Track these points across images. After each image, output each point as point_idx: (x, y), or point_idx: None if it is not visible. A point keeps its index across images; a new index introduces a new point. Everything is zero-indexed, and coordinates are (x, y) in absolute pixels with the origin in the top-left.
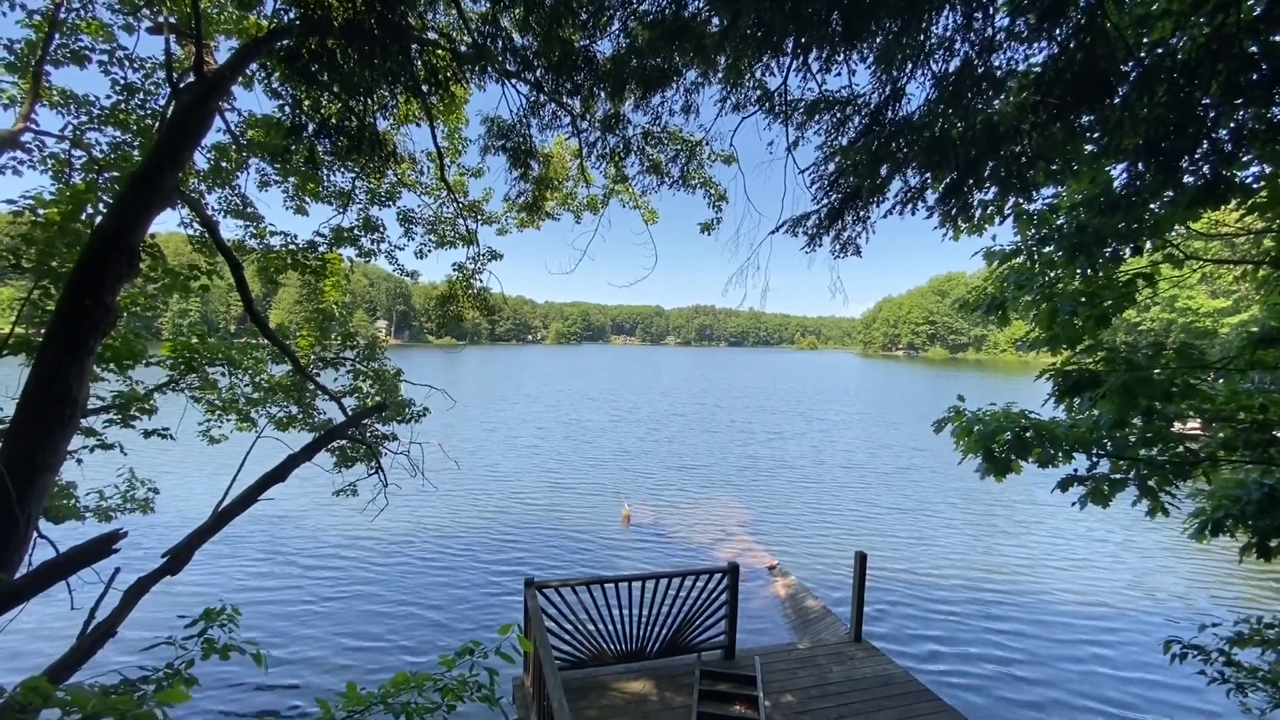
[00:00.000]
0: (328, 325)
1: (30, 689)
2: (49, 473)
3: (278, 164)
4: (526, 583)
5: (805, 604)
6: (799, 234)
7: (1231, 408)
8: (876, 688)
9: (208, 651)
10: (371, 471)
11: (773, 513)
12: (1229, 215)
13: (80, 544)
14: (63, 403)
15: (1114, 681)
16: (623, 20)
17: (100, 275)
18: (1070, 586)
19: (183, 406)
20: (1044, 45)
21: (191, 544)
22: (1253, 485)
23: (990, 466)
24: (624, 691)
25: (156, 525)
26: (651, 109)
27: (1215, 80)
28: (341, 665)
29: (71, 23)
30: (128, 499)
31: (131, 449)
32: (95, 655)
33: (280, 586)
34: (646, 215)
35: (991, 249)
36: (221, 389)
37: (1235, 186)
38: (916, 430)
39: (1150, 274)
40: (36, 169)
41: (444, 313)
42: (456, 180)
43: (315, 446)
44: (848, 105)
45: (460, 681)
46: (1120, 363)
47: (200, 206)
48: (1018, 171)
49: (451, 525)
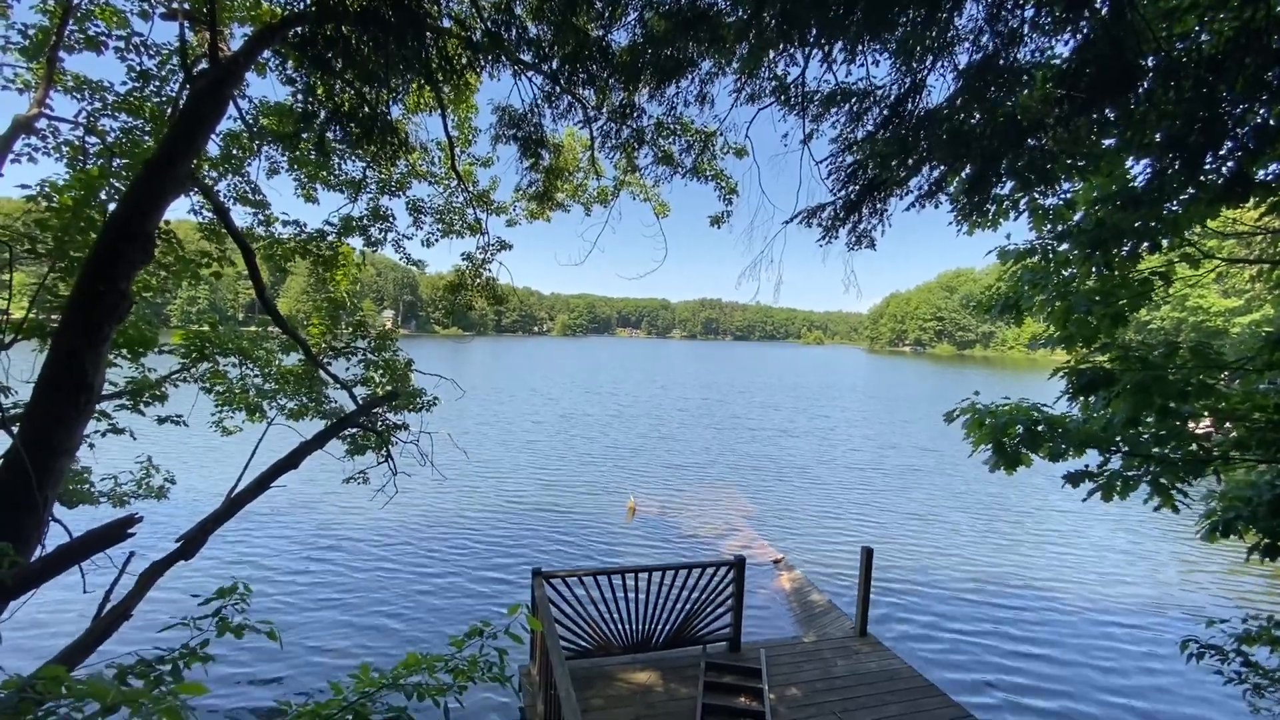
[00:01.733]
0: (338, 315)
1: (50, 678)
2: (66, 457)
3: (289, 152)
4: (534, 572)
5: (810, 598)
6: (814, 225)
7: (1247, 407)
8: (881, 682)
9: (222, 630)
10: (382, 460)
11: (778, 507)
12: (1246, 214)
13: (96, 528)
14: (79, 388)
15: (1120, 678)
16: (639, 9)
17: (115, 261)
18: (1077, 584)
19: (194, 394)
20: (1068, 37)
21: (205, 529)
22: (1264, 486)
23: (1000, 459)
24: (630, 682)
25: (169, 511)
26: (666, 99)
27: (1241, 76)
28: (350, 649)
29: (85, 8)
30: (143, 486)
31: (143, 435)
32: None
33: (291, 571)
34: (658, 208)
35: (1006, 248)
36: (233, 380)
37: (1256, 185)
38: (924, 428)
39: (1166, 272)
40: (51, 155)
41: (453, 301)
42: (466, 169)
43: (327, 434)
44: (866, 97)
45: (471, 662)
46: (1135, 361)
47: (213, 194)
48: (1039, 166)
49: (459, 514)
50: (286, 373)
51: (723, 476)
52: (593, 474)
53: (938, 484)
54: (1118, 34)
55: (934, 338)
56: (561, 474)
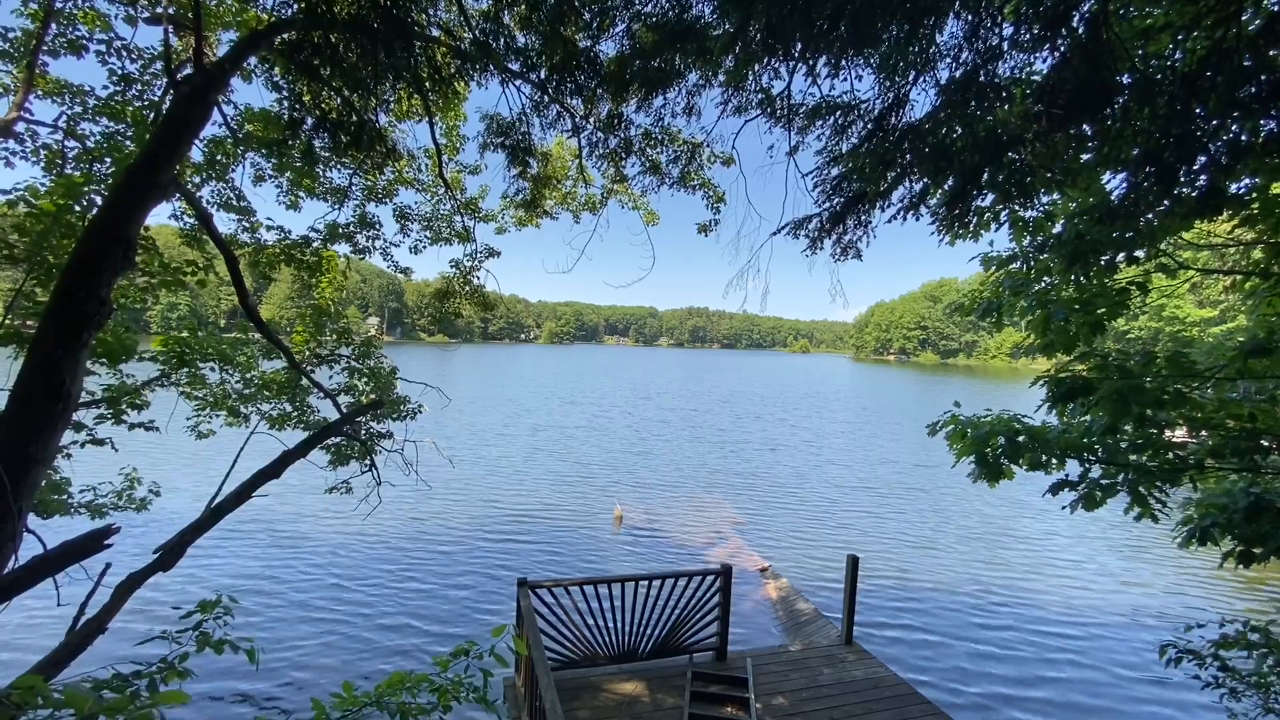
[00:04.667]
0: (322, 322)
1: (26, 688)
2: (41, 466)
3: (274, 158)
4: (519, 582)
5: (796, 606)
6: (800, 236)
7: (1221, 416)
8: (867, 690)
9: (201, 645)
10: (365, 469)
11: (765, 516)
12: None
13: (73, 538)
14: (56, 396)
15: (1103, 686)
16: (626, 21)
17: (95, 268)
18: (1060, 592)
19: (173, 401)
20: (1046, 55)
21: (184, 540)
22: (1239, 493)
23: (983, 470)
24: (616, 692)
25: (147, 521)
26: (653, 110)
27: (1213, 93)
28: (333, 664)
29: (69, 12)
30: (123, 496)
31: (122, 444)
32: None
33: (272, 584)
34: (646, 217)
35: (989, 254)
36: (213, 384)
37: (1229, 198)
38: (909, 436)
39: (1143, 283)
40: (29, 160)
41: (441, 307)
42: (454, 177)
43: (310, 443)
44: (850, 111)
45: (455, 682)
46: (1113, 370)
47: (196, 200)
48: (1019, 179)
49: (444, 524)
50: (269, 380)
51: (710, 485)
52: (579, 482)
53: (924, 492)
54: (1094, 52)
55: (918, 346)
56: (548, 482)
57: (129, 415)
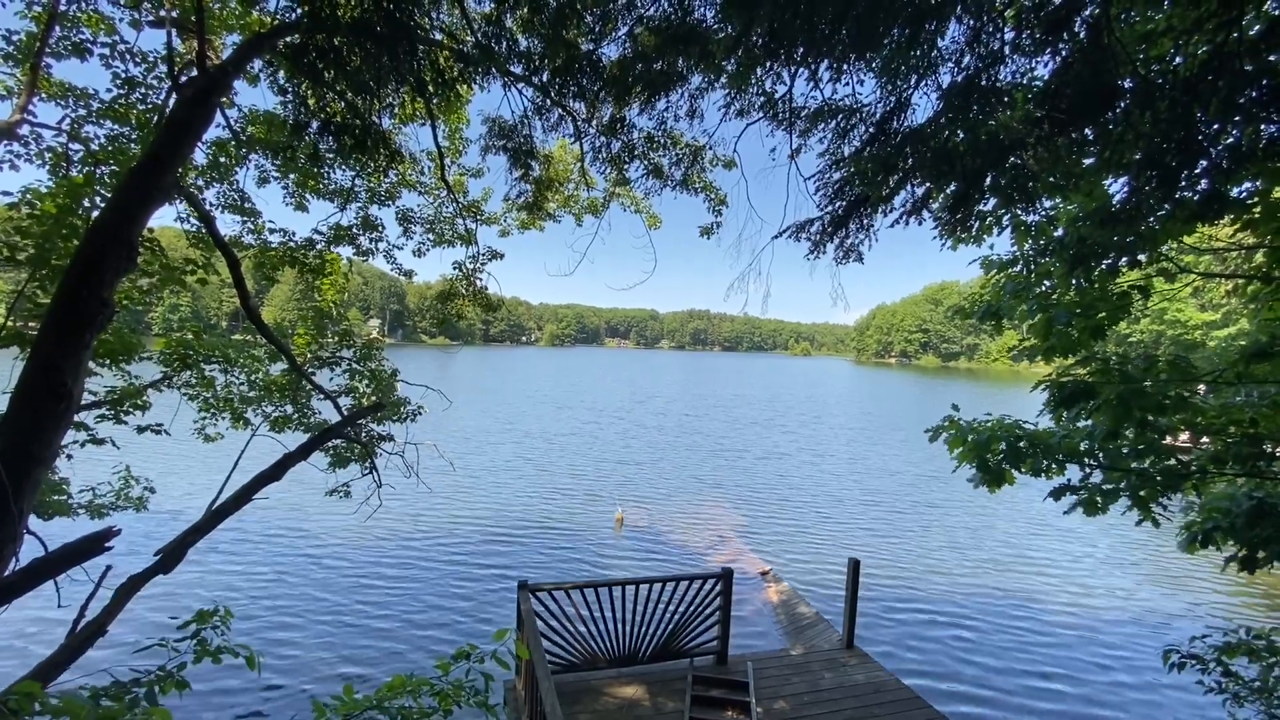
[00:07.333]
0: (324, 324)
1: (24, 694)
2: (42, 467)
3: (278, 160)
4: (520, 585)
5: (798, 610)
6: (802, 239)
7: (1222, 421)
8: (869, 694)
9: (200, 655)
10: (366, 472)
11: (766, 519)
12: (1221, 230)
13: (74, 540)
14: (58, 397)
15: (1104, 691)
16: (629, 25)
17: (98, 269)
18: (1063, 597)
19: (176, 403)
20: (1048, 59)
21: (184, 542)
22: (1242, 498)
23: (984, 476)
24: (616, 696)
25: (147, 523)
26: (656, 113)
27: (1214, 97)
28: (334, 667)
29: (73, 15)
30: (122, 496)
31: (123, 445)
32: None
33: (273, 587)
34: (649, 220)
35: (990, 258)
36: (217, 386)
37: (1231, 202)
38: (911, 441)
39: (1145, 287)
40: (33, 162)
41: (443, 310)
42: (456, 180)
43: (311, 445)
44: (852, 114)
45: (455, 686)
46: (1115, 374)
47: (198, 202)
48: (1021, 183)
49: (445, 527)
50: (271, 382)
51: (711, 488)
52: (581, 485)
53: (925, 496)
54: (1096, 57)
55: (919, 350)
56: (549, 485)
57: (132, 417)
